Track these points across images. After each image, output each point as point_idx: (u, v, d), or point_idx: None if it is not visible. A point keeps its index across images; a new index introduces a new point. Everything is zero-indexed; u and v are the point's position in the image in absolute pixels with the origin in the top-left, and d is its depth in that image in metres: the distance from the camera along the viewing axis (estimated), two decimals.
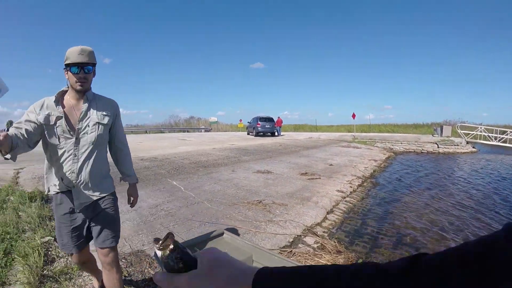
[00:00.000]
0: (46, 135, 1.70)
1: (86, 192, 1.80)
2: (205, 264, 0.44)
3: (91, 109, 1.81)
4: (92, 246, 2.02)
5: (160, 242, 0.47)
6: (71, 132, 1.74)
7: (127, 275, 2.64)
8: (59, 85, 1.93)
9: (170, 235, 0.47)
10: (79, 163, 1.75)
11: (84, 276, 2.56)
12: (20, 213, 3.94)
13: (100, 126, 1.82)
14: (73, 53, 1.70)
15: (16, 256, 2.76)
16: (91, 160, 1.79)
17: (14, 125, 1.62)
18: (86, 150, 1.77)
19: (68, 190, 1.78)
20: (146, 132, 35.12)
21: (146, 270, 2.73)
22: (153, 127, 40.69)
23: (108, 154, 1.99)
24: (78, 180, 1.76)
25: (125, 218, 3.96)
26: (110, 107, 1.92)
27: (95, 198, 1.84)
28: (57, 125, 1.71)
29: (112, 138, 1.97)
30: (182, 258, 0.46)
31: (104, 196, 1.88)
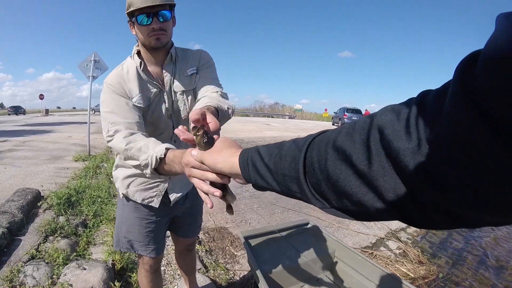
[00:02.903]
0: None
1: (181, 183, 1.38)
2: (217, 144, 0.63)
3: (176, 73, 1.25)
4: None
5: (195, 130, 0.65)
6: (169, 110, 1.26)
7: (208, 249, 2.70)
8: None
9: (201, 127, 0.66)
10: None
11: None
12: (112, 179, 4.35)
13: (190, 93, 1.27)
14: None
15: (104, 218, 3.02)
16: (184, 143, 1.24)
17: (125, 134, 1.04)
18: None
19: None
20: None
21: (227, 248, 2.78)
22: (239, 110, 42.31)
23: None
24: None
25: (211, 195, 4.11)
26: (195, 60, 1.30)
27: (190, 188, 1.44)
28: (155, 104, 1.22)
29: (198, 92, 1.26)
30: (207, 138, 0.64)
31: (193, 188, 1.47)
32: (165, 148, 0.87)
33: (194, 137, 0.65)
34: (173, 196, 1.35)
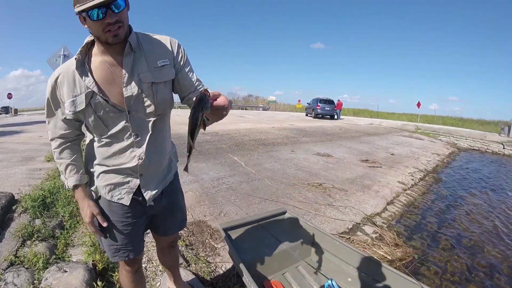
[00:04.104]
0: (86, 123, 1.19)
1: (155, 179, 1.32)
2: None
3: (139, 62, 1.14)
4: None
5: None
6: (119, 107, 1.14)
7: (188, 244, 2.72)
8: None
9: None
10: (145, 145, 1.21)
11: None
12: None
13: (159, 86, 1.18)
14: None
15: (81, 219, 2.94)
16: (158, 135, 1.26)
17: (57, 144, 1.23)
18: (148, 125, 1.20)
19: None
20: None
21: (207, 241, 2.81)
22: None
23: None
24: (145, 167, 1.24)
25: (188, 189, 4.13)
26: (166, 51, 1.21)
27: (166, 184, 1.39)
28: (93, 105, 1.13)
29: (184, 90, 1.26)
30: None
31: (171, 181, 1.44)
32: (73, 186, 1.23)
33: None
34: (147, 194, 1.29)
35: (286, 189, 4.44)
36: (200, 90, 1.01)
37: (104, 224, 1.24)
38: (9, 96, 37.52)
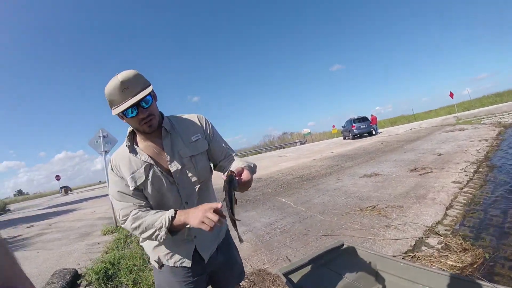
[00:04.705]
0: (146, 194, 1.31)
1: (208, 238, 1.44)
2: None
3: (177, 142, 1.35)
4: None
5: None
6: (170, 178, 1.32)
7: None
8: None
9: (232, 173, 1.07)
10: None
11: None
12: None
13: (197, 157, 1.37)
14: (115, 94, 1.17)
15: (144, 285, 3.07)
16: (204, 198, 1.41)
17: (131, 217, 1.26)
18: (195, 192, 1.37)
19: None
20: (245, 155, 36.96)
21: None
22: (251, 149, 42.69)
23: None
24: (198, 230, 1.31)
25: (243, 239, 4.18)
26: (196, 127, 1.42)
27: (220, 241, 1.51)
28: (150, 177, 1.29)
29: (217, 158, 1.47)
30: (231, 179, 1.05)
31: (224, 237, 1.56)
32: (174, 211, 1.19)
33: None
34: (205, 253, 1.41)
35: (340, 220, 4.35)
36: (227, 171, 1.17)
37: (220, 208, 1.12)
38: (57, 178, 40.66)
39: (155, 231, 1.20)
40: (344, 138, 26.13)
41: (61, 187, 43.28)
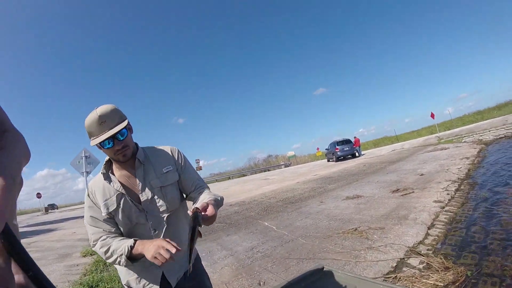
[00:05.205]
0: (117, 221, 1.38)
1: (176, 265, 1.45)
2: None
3: (149, 172, 1.43)
4: None
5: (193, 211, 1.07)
6: (139, 207, 1.39)
7: None
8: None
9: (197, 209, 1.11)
10: (161, 237, 1.40)
11: None
12: None
13: (167, 188, 1.44)
14: (93, 126, 1.28)
15: None
16: (172, 227, 1.46)
17: (100, 242, 1.34)
18: (163, 220, 1.42)
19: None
20: (229, 178, 36.74)
21: None
22: (235, 171, 42.48)
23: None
24: None
25: (224, 264, 4.09)
26: (169, 159, 1.50)
27: (186, 268, 1.47)
28: (121, 205, 1.37)
29: (187, 189, 1.53)
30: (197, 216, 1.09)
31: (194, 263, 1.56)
32: (134, 240, 1.26)
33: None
34: (172, 279, 1.43)
35: (322, 243, 4.31)
36: (193, 208, 1.18)
37: (173, 250, 1.15)
38: (38, 195, 38.88)
39: (117, 257, 1.27)
40: (328, 161, 26.39)
41: (49, 205, 41.23)
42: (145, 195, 1.39)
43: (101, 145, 1.31)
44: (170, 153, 1.52)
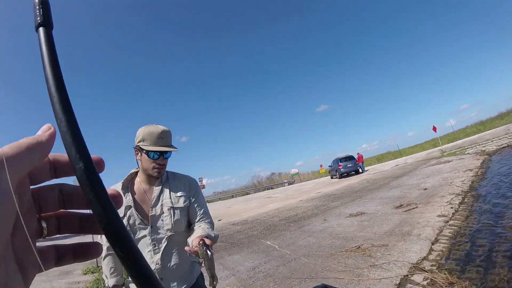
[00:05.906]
0: None
1: (175, 281, 1.51)
2: None
3: (164, 192, 1.56)
4: None
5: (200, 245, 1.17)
6: (145, 221, 1.50)
7: None
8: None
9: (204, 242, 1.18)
10: (160, 253, 1.48)
11: None
12: None
13: (176, 210, 1.54)
14: (153, 136, 1.47)
15: None
16: (174, 247, 1.52)
17: (104, 253, 1.51)
18: (165, 238, 1.50)
19: None
20: (232, 196, 36.52)
21: None
22: (239, 190, 42.29)
23: None
24: (163, 272, 1.48)
25: (225, 284, 4.06)
26: (185, 186, 1.63)
27: (189, 286, 1.56)
28: (127, 216, 1.48)
29: (193, 217, 1.60)
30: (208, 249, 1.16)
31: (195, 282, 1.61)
32: (112, 285, 1.50)
33: (199, 249, 1.17)
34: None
35: (324, 262, 4.26)
36: (192, 240, 1.33)
37: None
38: None
39: (106, 279, 1.55)
40: (332, 178, 26.24)
41: None
42: (155, 211, 1.51)
43: (148, 153, 1.48)
44: (187, 182, 1.66)
